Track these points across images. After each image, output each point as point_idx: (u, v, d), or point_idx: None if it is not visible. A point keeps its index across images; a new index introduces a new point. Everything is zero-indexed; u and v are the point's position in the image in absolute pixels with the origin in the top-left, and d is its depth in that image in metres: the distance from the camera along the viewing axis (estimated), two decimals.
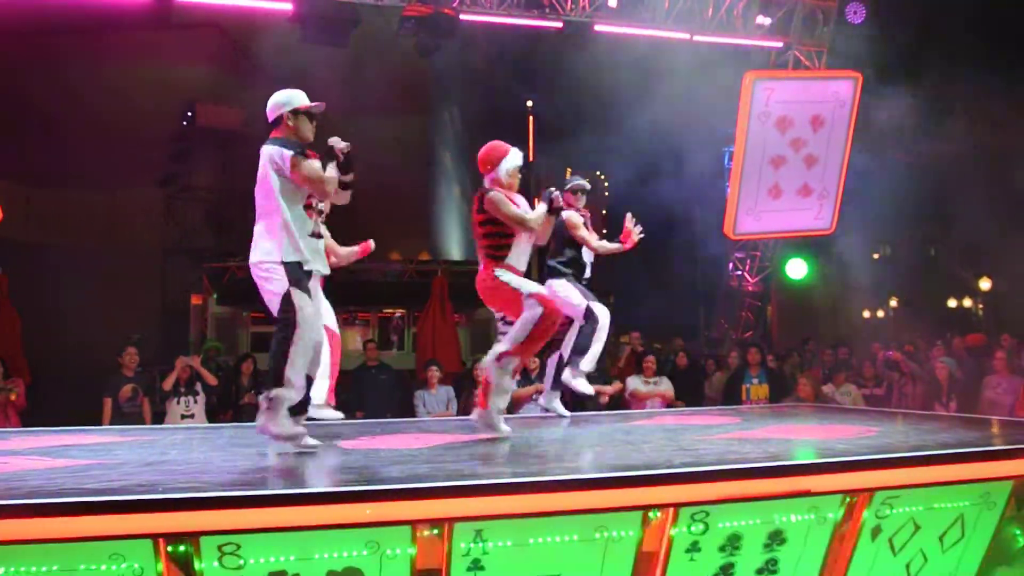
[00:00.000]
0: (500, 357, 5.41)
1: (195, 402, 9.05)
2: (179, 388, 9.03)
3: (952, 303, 25.92)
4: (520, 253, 5.62)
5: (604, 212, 19.85)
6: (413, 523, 3.72)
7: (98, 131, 14.72)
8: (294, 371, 4.49)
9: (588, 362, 6.74)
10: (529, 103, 24.34)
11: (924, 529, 4.65)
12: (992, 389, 9.15)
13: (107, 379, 8.74)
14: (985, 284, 24.54)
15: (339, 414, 5.73)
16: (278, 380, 4.54)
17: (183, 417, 8.91)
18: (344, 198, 5.09)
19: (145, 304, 16.83)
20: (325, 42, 12.29)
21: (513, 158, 5.66)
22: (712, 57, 12.68)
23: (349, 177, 5.00)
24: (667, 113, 11.83)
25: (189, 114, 18.16)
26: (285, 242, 4.79)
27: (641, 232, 6.89)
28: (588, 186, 7.16)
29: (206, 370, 9.43)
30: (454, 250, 22.73)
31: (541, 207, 5.57)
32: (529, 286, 5.48)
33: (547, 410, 7.04)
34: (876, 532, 4.54)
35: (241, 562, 3.56)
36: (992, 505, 4.76)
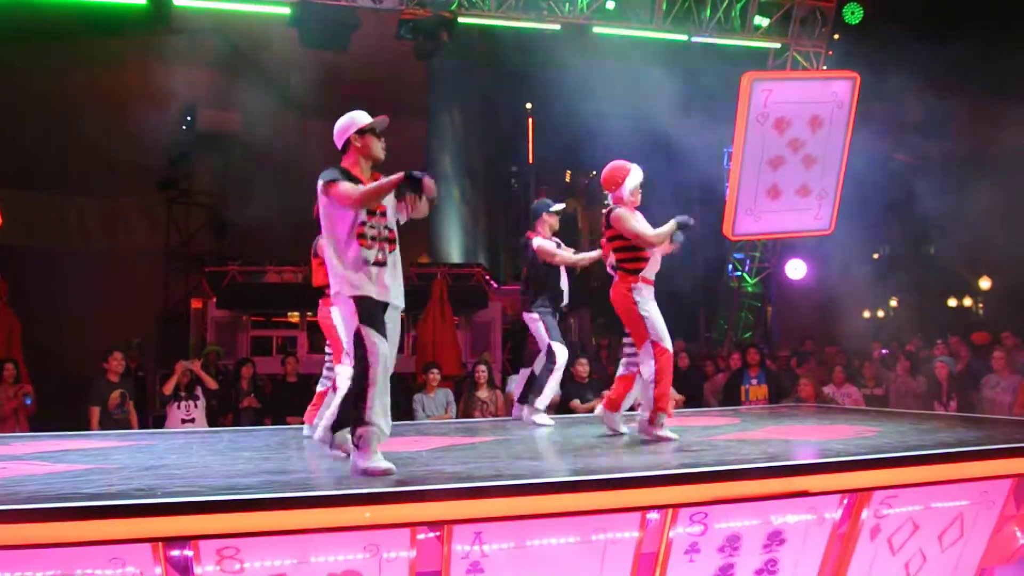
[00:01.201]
0: (651, 422, 5.55)
1: (195, 406, 9.04)
2: (179, 392, 9.02)
3: (952, 302, 25.90)
4: (653, 264, 5.76)
5: (604, 212, 19.85)
6: (412, 526, 3.73)
7: (98, 136, 14.72)
8: (374, 412, 4.30)
9: (544, 400, 6.88)
10: (528, 105, 24.35)
11: (923, 528, 4.66)
12: (991, 388, 9.14)
13: (91, 386, 8.61)
14: (985, 283, 24.53)
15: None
16: (360, 420, 4.31)
17: (183, 421, 8.90)
18: (423, 210, 4.69)
19: (145, 308, 16.81)
20: (324, 46, 12.31)
21: (635, 177, 5.83)
22: (711, 58, 12.71)
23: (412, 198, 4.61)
24: (666, 114, 11.84)
25: (189, 118, 18.14)
26: (349, 275, 4.45)
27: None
28: (561, 208, 7.24)
29: (206, 374, 9.43)
30: (454, 253, 22.74)
31: (669, 224, 5.66)
32: (656, 330, 5.60)
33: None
34: (875, 532, 4.54)
35: (240, 566, 3.56)
36: (991, 504, 4.77)
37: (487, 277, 16.43)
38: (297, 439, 6.05)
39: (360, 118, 4.68)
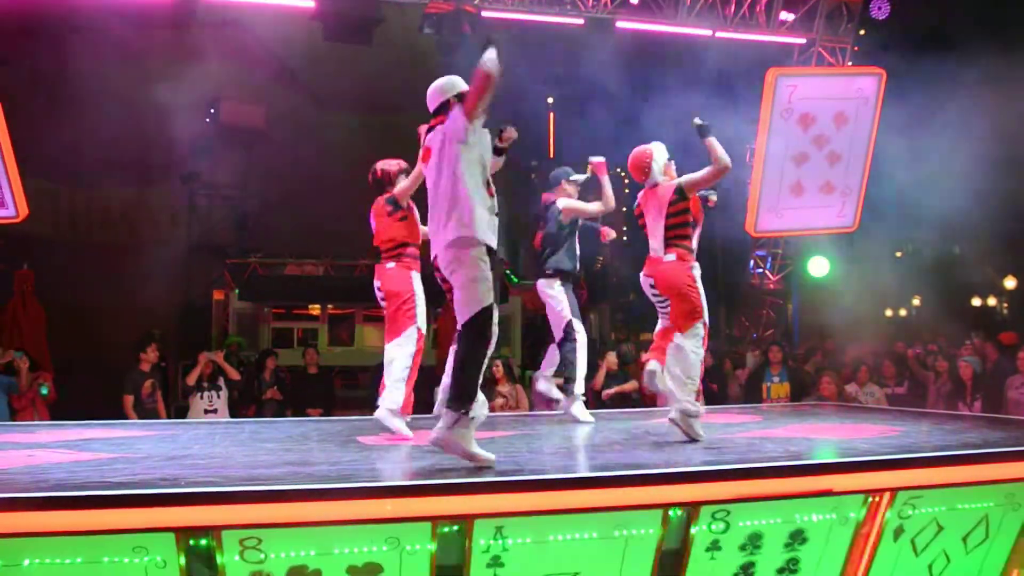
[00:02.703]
0: (686, 416, 5.32)
1: (218, 397, 9.10)
2: (202, 383, 9.09)
3: (976, 302, 25.66)
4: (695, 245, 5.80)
5: (624, 210, 19.80)
6: (433, 519, 3.73)
7: (122, 128, 14.83)
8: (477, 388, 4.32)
9: (580, 386, 6.66)
10: (550, 99, 24.30)
11: (947, 530, 4.61)
12: (1016, 389, 9.03)
13: (125, 375, 8.77)
14: (1010, 283, 24.28)
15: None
16: (472, 395, 4.27)
17: (206, 412, 8.97)
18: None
19: (168, 300, 16.94)
20: (347, 40, 12.34)
21: (660, 155, 5.87)
22: (735, 53, 12.62)
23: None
24: (686, 110, 11.77)
25: (212, 111, 18.26)
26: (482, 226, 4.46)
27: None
28: (583, 178, 7.09)
29: (229, 365, 9.49)
30: None
31: (710, 137, 5.58)
32: (706, 312, 5.61)
33: (550, 400, 6.92)
34: (898, 532, 4.50)
35: (262, 556, 3.58)
36: (1017, 506, 4.72)
37: (507, 272, 16.43)
38: (319, 431, 6.07)
39: (460, 84, 4.82)
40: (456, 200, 4.43)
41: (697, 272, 5.73)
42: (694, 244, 5.81)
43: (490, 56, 4.33)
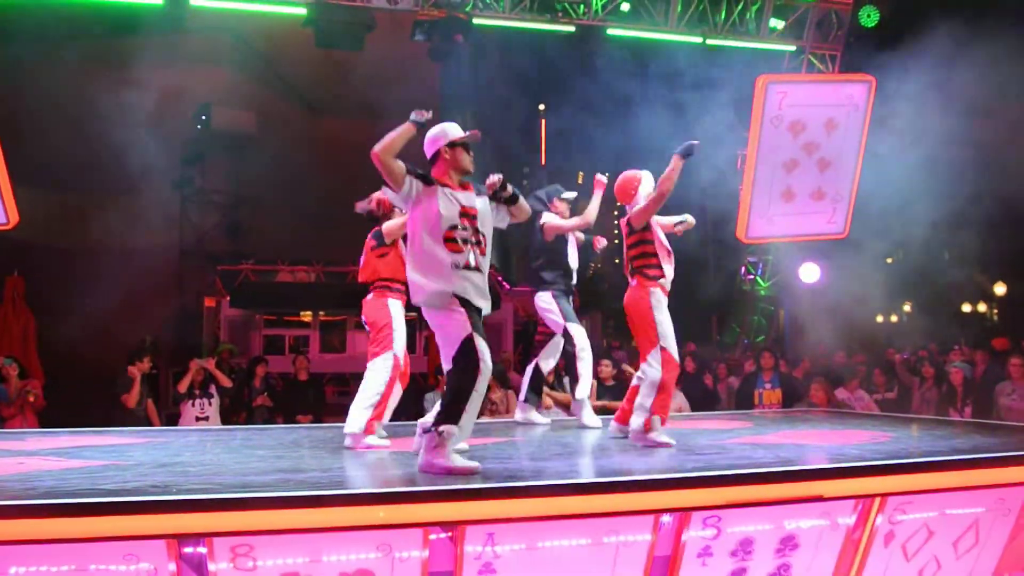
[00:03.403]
0: (646, 428, 5.48)
1: (209, 404, 9.07)
2: (193, 391, 9.06)
3: (967, 308, 25.76)
4: (669, 274, 5.78)
5: (615, 214, 19.88)
6: (424, 526, 3.73)
7: (114, 134, 14.80)
8: (467, 417, 4.42)
9: (584, 390, 6.75)
10: (541, 107, 24.37)
11: (938, 535, 4.63)
12: (1007, 395, 9.07)
13: (117, 381, 8.76)
14: (1000, 289, 24.38)
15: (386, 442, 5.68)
16: (450, 419, 4.37)
17: (197, 419, 8.94)
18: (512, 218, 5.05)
19: (159, 306, 16.89)
20: (339, 46, 12.34)
21: (647, 183, 5.89)
22: (725, 60, 12.67)
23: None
24: (679, 116, 11.81)
25: (204, 117, 18.24)
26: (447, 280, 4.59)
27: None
28: (574, 196, 7.17)
29: (220, 372, 9.47)
30: None
31: (672, 162, 5.58)
32: (667, 338, 5.60)
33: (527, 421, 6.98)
34: (889, 538, 4.52)
35: (253, 563, 3.58)
36: (1007, 511, 4.74)
37: (499, 278, 16.44)
38: (310, 438, 6.06)
39: (452, 131, 4.86)
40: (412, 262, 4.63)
41: (660, 301, 5.69)
42: (664, 271, 5.73)
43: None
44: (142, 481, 4.09)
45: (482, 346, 4.44)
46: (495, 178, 4.91)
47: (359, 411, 5.56)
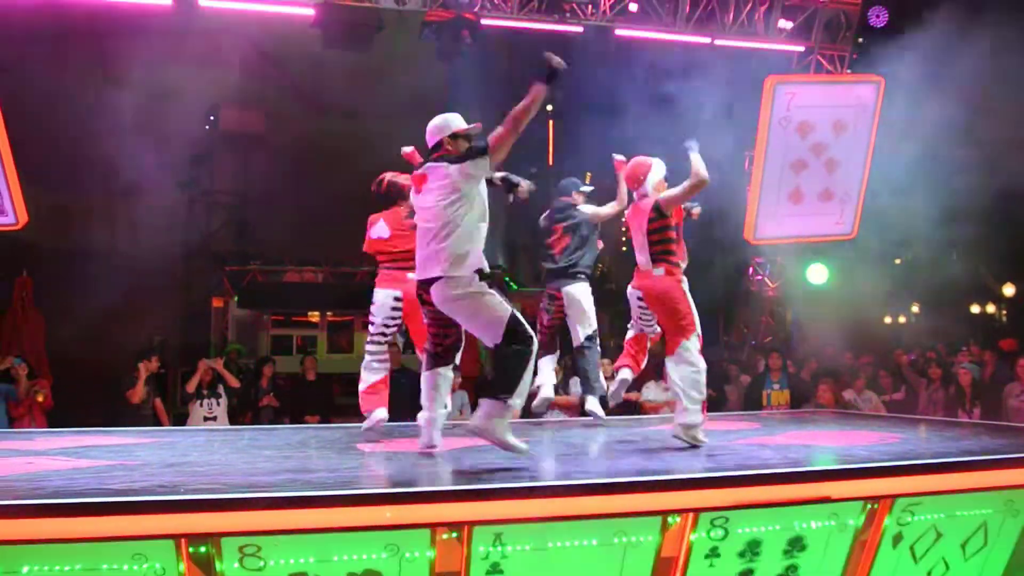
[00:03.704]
0: (688, 428, 5.36)
1: (217, 404, 9.10)
2: (202, 391, 9.08)
3: (975, 309, 25.64)
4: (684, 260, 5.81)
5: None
6: (432, 526, 3.73)
7: (121, 134, 14.85)
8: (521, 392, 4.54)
9: (602, 384, 6.88)
10: (549, 107, 24.33)
11: (946, 537, 4.61)
12: (1016, 397, 9.04)
13: (123, 380, 8.80)
14: (1009, 290, 24.26)
15: None
16: (511, 391, 4.51)
17: (205, 419, 8.96)
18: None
19: (167, 306, 16.94)
20: (347, 47, 12.34)
21: (657, 171, 5.85)
22: (734, 61, 12.64)
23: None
24: (687, 117, 11.79)
25: (212, 118, 18.29)
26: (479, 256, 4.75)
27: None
28: (591, 189, 7.25)
29: (228, 372, 9.49)
30: None
31: (693, 155, 5.64)
32: (698, 326, 5.56)
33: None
34: (897, 539, 4.50)
35: (262, 563, 3.58)
36: (1016, 513, 4.72)
37: (506, 279, 16.43)
38: (318, 438, 6.07)
39: (455, 122, 4.92)
40: (449, 236, 4.64)
41: (686, 285, 5.73)
42: (682, 257, 5.76)
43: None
44: (150, 481, 4.10)
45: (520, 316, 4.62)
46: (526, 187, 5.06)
47: None
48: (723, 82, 11.82)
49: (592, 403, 6.89)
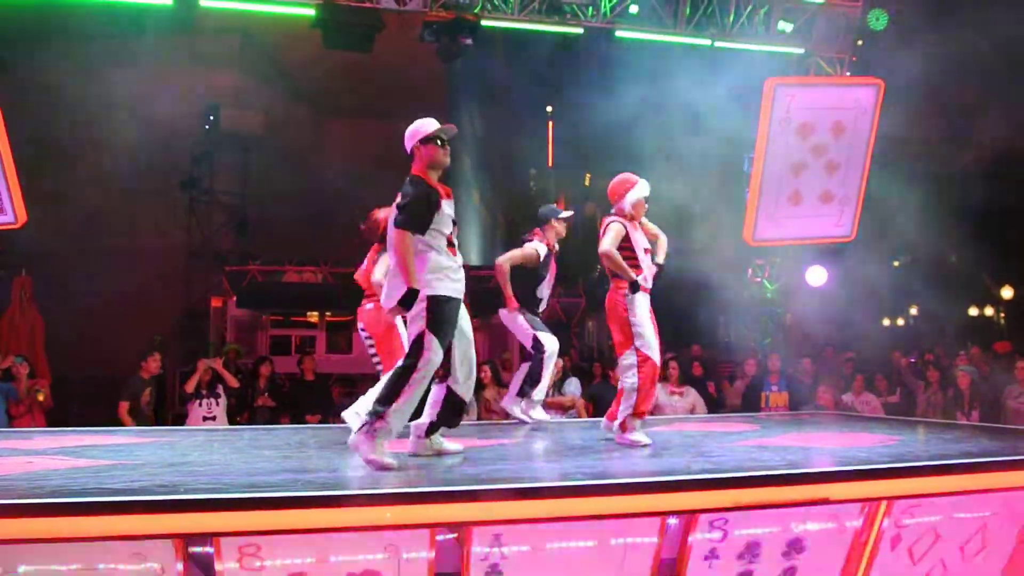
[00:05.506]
0: (624, 428, 5.51)
1: (216, 404, 9.09)
2: (201, 391, 9.08)
3: (974, 311, 25.67)
4: (648, 273, 5.76)
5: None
6: (431, 527, 3.74)
7: (122, 134, 14.85)
8: (398, 413, 4.55)
9: (541, 391, 6.92)
10: (549, 108, 24.33)
11: (945, 539, 4.61)
12: (1015, 399, 9.05)
13: (125, 382, 8.79)
14: (1007, 292, 24.30)
15: None
16: (383, 408, 4.53)
17: (204, 419, 8.96)
18: None
19: (166, 306, 16.95)
20: (347, 47, 12.34)
21: (638, 191, 5.83)
22: (733, 62, 12.63)
23: None
24: (686, 118, 11.80)
25: (212, 118, 18.28)
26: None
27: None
28: (570, 216, 7.25)
29: (227, 372, 9.48)
30: (472, 255, 22.77)
31: (629, 272, 5.64)
32: (644, 338, 5.57)
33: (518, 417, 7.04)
34: (896, 541, 4.51)
35: (260, 563, 3.58)
36: (1014, 515, 4.72)
37: None
38: (317, 438, 6.07)
39: (424, 127, 4.87)
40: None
41: (636, 301, 5.63)
42: (641, 275, 5.69)
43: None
44: (149, 481, 4.10)
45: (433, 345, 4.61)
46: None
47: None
48: (723, 84, 11.81)
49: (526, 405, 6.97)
